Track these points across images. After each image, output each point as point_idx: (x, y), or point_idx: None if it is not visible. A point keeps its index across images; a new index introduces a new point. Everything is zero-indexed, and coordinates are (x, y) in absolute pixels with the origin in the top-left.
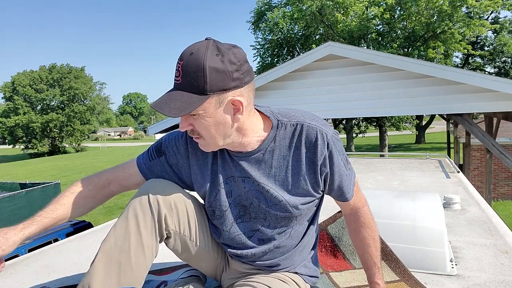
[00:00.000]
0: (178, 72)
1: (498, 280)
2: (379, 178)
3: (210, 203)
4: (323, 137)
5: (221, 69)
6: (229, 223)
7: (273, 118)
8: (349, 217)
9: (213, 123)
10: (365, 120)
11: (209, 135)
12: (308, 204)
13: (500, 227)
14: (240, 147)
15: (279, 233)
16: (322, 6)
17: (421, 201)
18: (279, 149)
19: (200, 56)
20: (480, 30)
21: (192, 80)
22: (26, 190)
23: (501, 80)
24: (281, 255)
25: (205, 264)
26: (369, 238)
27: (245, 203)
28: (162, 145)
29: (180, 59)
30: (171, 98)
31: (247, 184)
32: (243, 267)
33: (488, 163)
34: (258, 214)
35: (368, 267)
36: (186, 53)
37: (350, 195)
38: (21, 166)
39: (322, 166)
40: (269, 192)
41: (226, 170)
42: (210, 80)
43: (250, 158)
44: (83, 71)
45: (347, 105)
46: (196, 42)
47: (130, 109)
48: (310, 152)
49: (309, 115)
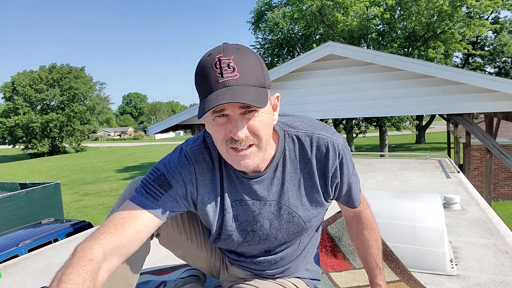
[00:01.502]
0: (231, 68)
1: (498, 280)
2: (379, 178)
3: (214, 228)
4: (334, 148)
5: (265, 65)
6: (235, 245)
7: (279, 129)
8: (351, 219)
9: (269, 121)
10: (365, 120)
11: (266, 135)
12: (319, 216)
13: (500, 227)
14: (260, 163)
15: (288, 246)
16: (322, 6)
17: (421, 201)
18: (289, 164)
19: (250, 51)
20: (480, 30)
21: (254, 73)
22: (26, 190)
23: (501, 80)
24: (285, 264)
25: (199, 262)
26: (371, 240)
27: (254, 227)
28: (167, 177)
29: (227, 55)
30: (239, 91)
31: (258, 206)
32: (243, 274)
33: (488, 163)
34: (269, 236)
35: (370, 269)
36: (230, 48)
37: (358, 202)
38: (21, 166)
39: (333, 177)
40: (282, 209)
41: (233, 192)
42: (265, 74)
43: (262, 178)
44: (83, 71)
45: (347, 105)
46: (222, 44)
47: (130, 109)
48: (321, 163)
49: (317, 124)
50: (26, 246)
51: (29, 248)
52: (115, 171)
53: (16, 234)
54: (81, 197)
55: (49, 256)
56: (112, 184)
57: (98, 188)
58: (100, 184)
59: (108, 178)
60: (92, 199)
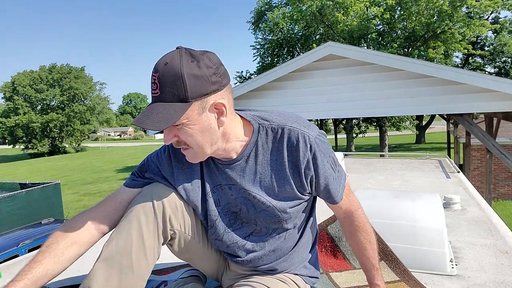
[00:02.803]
0: (155, 85)
1: (498, 280)
2: (379, 178)
3: (202, 216)
4: (305, 140)
5: (199, 74)
6: (221, 233)
7: (254, 122)
8: (343, 220)
9: (199, 130)
10: (365, 120)
11: (196, 143)
12: (297, 207)
13: (500, 227)
14: (225, 153)
15: (273, 237)
16: (322, 6)
17: (421, 201)
18: (262, 154)
19: (175, 65)
20: (480, 30)
21: (171, 90)
22: (26, 190)
23: (501, 80)
24: (277, 258)
25: (208, 264)
26: (365, 241)
27: (235, 209)
28: (145, 165)
29: (155, 71)
30: (153, 111)
31: (234, 191)
32: (242, 269)
33: (488, 163)
34: (249, 220)
35: (367, 269)
36: (160, 64)
37: (338, 198)
38: (21, 166)
39: (306, 169)
40: (256, 198)
41: (213, 178)
42: (190, 87)
43: (234, 165)
44: (83, 71)
45: (347, 105)
46: (168, 53)
47: (130, 109)
48: (292, 155)
49: (291, 117)
50: (26, 246)
51: (29, 248)
52: (115, 171)
53: (16, 234)
54: (81, 197)
55: None
56: (112, 184)
57: (98, 188)
58: (100, 184)
59: (108, 178)
60: (92, 199)
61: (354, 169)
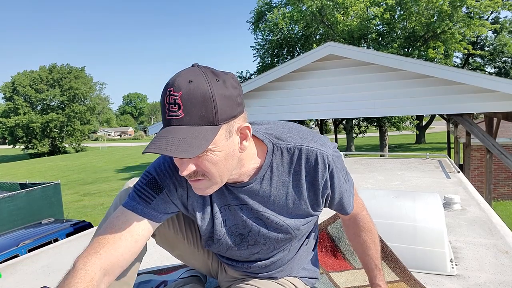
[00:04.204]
0: (177, 106)
1: (498, 280)
2: (379, 178)
3: (205, 232)
4: (323, 160)
5: (228, 95)
6: (224, 250)
7: (268, 142)
8: (348, 221)
9: (224, 157)
10: (365, 120)
11: (219, 172)
12: (309, 223)
13: (500, 227)
14: (237, 177)
15: (278, 252)
16: (322, 6)
17: (421, 201)
18: (277, 176)
19: (203, 83)
20: (480, 30)
21: (200, 111)
22: (26, 190)
23: (501, 80)
24: (277, 267)
25: (197, 262)
26: (369, 241)
27: (243, 231)
28: (158, 180)
29: (176, 90)
30: (177, 136)
31: (245, 211)
32: (239, 274)
33: (488, 163)
34: (258, 240)
35: (370, 270)
36: (182, 82)
37: (350, 209)
38: (21, 166)
39: (324, 188)
40: (269, 218)
41: (221, 198)
42: (221, 109)
43: (247, 188)
44: (83, 71)
45: (347, 105)
46: (184, 70)
47: (130, 109)
48: (310, 176)
49: (306, 134)
50: (26, 246)
51: (29, 248)
52: (115, 171)
53: (16, 234)
54: (81, 197)
55: (49, 256)
56: (112, 184)
57: (98, 188)
58: (100, 184)
59: (108, 178)
60: (92, 199)
61: (354, 169)
